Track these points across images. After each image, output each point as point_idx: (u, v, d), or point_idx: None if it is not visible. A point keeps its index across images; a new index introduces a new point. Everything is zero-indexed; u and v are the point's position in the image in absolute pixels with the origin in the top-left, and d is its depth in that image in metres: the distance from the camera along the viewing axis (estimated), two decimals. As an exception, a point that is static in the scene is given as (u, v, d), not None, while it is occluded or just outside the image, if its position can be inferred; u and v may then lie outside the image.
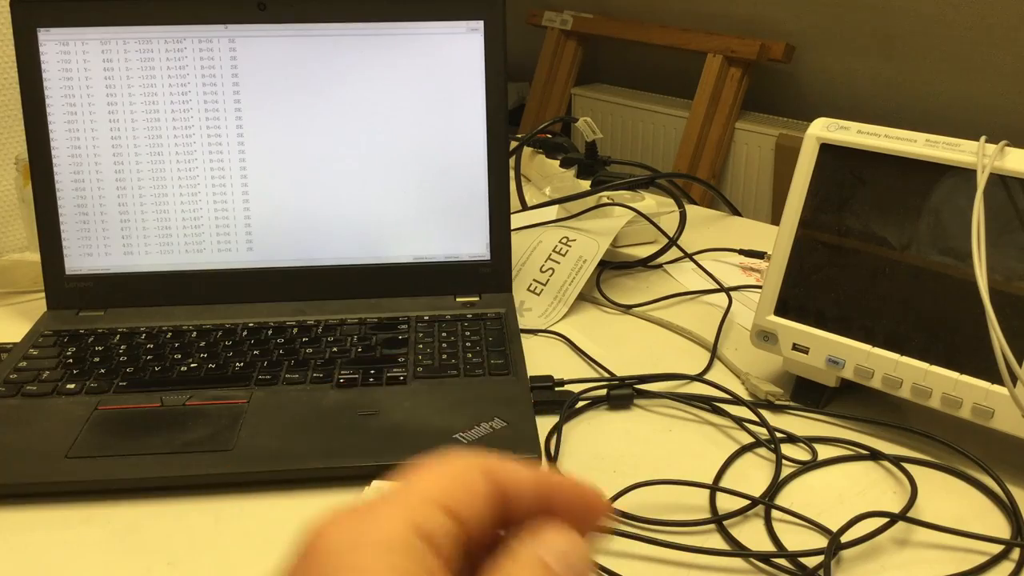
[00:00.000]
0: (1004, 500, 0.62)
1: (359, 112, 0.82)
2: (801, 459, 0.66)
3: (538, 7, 2.77)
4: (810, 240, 0.72)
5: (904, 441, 0.69)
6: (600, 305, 0.91)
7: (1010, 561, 0.57)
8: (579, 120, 1.13)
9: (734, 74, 2.33)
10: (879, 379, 0.68)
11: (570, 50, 2.72)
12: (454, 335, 0.78)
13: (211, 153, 0.82)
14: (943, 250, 0.66)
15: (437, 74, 0.82)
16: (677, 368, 0.78)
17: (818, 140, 0.72)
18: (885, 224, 0.69)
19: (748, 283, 0.96)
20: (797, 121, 2.30)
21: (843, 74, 2.24)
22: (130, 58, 0.80)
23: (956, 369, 0.64)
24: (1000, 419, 0.62)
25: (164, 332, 0.79)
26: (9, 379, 0.72)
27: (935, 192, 0.66)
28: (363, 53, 0.82)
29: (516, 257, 0.92)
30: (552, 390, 0.73)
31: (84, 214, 0.82)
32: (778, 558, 0.56)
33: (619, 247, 1.02)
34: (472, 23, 0.82)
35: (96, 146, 0.81)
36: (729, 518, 0.60)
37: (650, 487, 0.63)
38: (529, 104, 2.79)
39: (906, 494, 0.63)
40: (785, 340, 0.73)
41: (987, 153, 0.64)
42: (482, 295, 0.84)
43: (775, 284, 0.73)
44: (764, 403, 0.73)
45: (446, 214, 0.84)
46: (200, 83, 0.81)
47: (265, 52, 0.81)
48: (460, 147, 0.83)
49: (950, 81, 2.06)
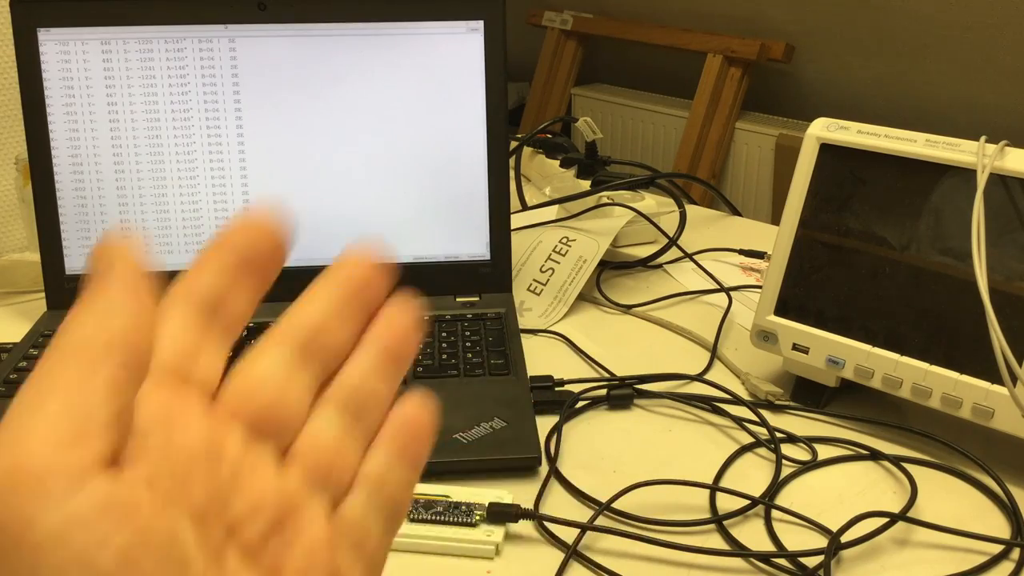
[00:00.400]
0: (1004, 500, 0.62)
1: (359, 112, 0.82)
2: (801, 459, 0.66)
3: (538, 7, 2.77)
4: (810, 240, 0.72)
5: (904, 441, 0.69)
6: (600, 305, 0.91)
7: (1010, 561, 0.57)
8: (579, 120, 1.13)
9: (734, 74, 2.33)
10: (879, 379, 0.68)
11: (570, 50, 2.72)
12: (454, 335, 0.78)
13: (211, 153, 0.82)
14: (943, 250, 0.66)
15: (437, 74, 0.82)
16: (677, 368, 0.78)
17: (818, 140, 0.72)
18: (885, 224, 0.69)
19: (748, 283, 0.96)
20: (797, 121, 2.29)
21: (843, 74, 2.24)
22: (130, 58, 0.80)
23: (956, 369, 0.64)
24: (1000, 419, 0.62)
25: (164, 332, 0.79)
26: (9, 379, 0.72)
27: (935, 192, 0.66)
28: (363, 53, 0.82)
29: (516, 257, 0.92)
30: (552, 390, 0.73)
31: (84, 214, 0.82)
32: (778, 558, 0.56)
33: (619, 247, 1.02)
34: (472, 23, 0.82)
35: (96, 146, 0.81)
36: (729, 518, 0.60)
37: (650, 487, 0.62)
38: (529, 104, 2.79)
39: (906, 494, 0.63)
40: (785, 340, 0.73)
41: (987, 153, 0.64)
42: (482, 295, 0.84)
43: (775, 284, 0.73)
44: (764, 403, 0.73)
45: (446, 214, 0.84)
46: (200, 83, 0.81)
47: (265, 52, 0.81)
48: (460, 147, 0.83)
49: (950, 81, 2.06)
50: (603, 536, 0.58)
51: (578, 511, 0.61)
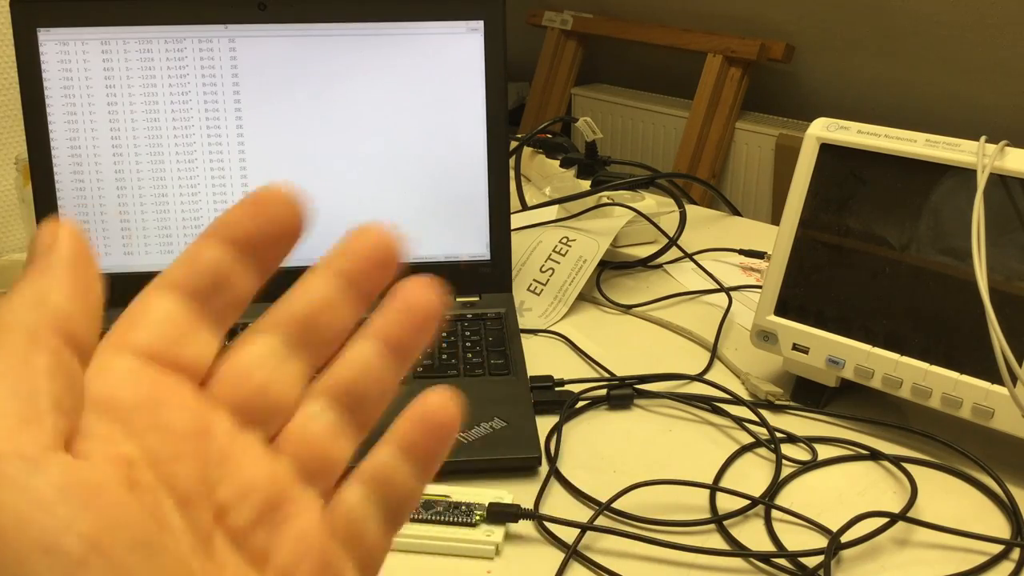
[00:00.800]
0: (1004, 500, 0.62)
1: (359, 112, 0.82)
2: (801, 459, 0.66)
3: (538, 7, 2.77)
4: (810, 240, 0.72)
5: (904, 441, 0.69)
6: (600, 305, 0.91)
7: (1010, 561, 0.57)
8: (579, 120, 1.13)
9: (734, 74, 2.33)
10: (879, 379, 0.68)
11: (570, 50, 2.72)
12: (454, 335, 0.78)
13: (211, 153, 0.82)
14: (943, 250, 0.66)
15: (437, 74, 0.82)
16: (677, 368, 0.78)
17: (818, 140, 0.72)
18: (885, 224, 0.69)
19: (748, 283, 0.96)
20: (797, 121, 2.29)
21: (843, 74, 2.24)
22: (130, 58, 0.80)
23: (956, 369, 0.64)
24: (1000, 419, 0.62)
25: (164, 332, 0.79)
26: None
27: (935, 192, 0.66)
28: (363, 53, 0.82)
29: (516, 257, 0.92)
30: (552, 390, 0.73)
31: (84, 214, 0.82)
32: (778, 558, 0.56)
33: (619, 247, 1.02)
34: (472, 23, 0.82)
35: (96, 146, 0.81)
36: (729, 518, 0.60)
37: (650, 487, 0.62)
38: (529, 104, 2.79)
39: (906, 494, 0.63)
40: (785, 340, 0.73)
41: (987, 153, 0.64)
42: (482, 295, 0.84)
43: (775, 284, 0.73)
44: (764, 403, 0.73)
45: (446, 214, 0.84)
46: (200, 83, 0.81)
47: (265, 52, 0.81)
48: (460, 147, 0.83)
49: (950, 81, 2.06)
50: (603, 536, 0.58)
51: (578, 511, 0.61)
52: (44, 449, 0.18)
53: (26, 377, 0.19)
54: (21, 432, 0.18)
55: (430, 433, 0.25)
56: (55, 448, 0.18)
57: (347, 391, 0.24)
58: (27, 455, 0.18)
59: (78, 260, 0.21)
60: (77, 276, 0.21)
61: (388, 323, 0.24)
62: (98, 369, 0.21)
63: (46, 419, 0.19)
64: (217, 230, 0.23)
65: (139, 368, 0.21)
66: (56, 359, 0.19)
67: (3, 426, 0.18)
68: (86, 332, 0.21)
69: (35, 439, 0.18)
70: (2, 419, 0.18)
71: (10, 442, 0.18)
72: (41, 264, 0.21)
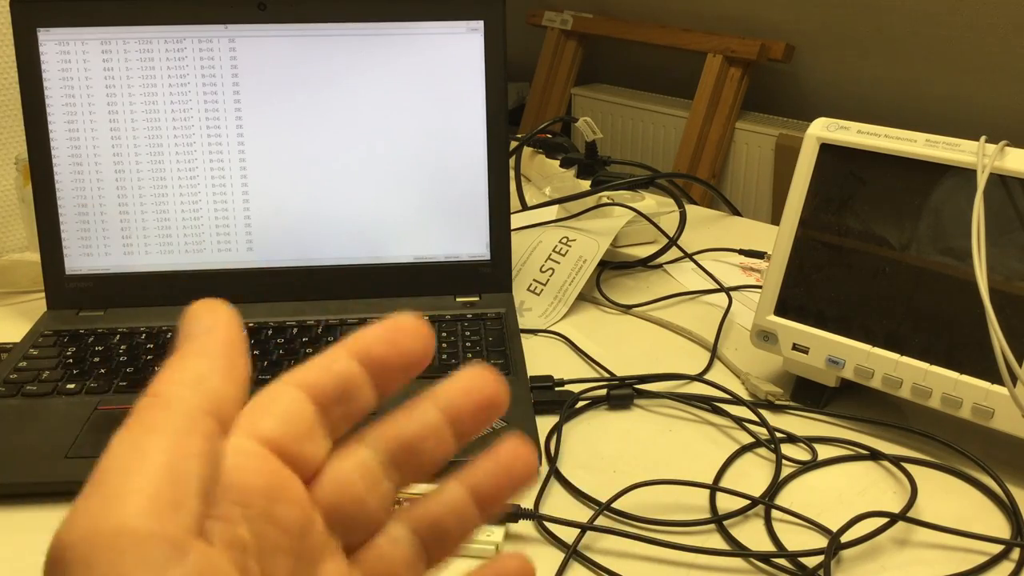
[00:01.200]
0: (1004, 500, 0.62)
1: (359, 112, 0.82)
2: (801, 459, 0.66)
3: (538, 7, 2.77)
4: (810, 240, 0.72)
5: (904, 441, 0.69)
6: (600, 305, 0.91)
7: (1010, 561, 0.57)
8: (579, 120, 1.13)
9: (734, 74, 2.33)
10: (879, 379, 0.68)
11: (570, 50, 2.72)
12: (454, 335, 0.78)
13: (211, 153, 0.82)
14: (943, 250, 0.66)
15: (437, 74, 0.82)
16: (677, 368, 0.78)
17: (818, 140, 0.72)
18: (885, 224, 0.69)
19: (748, 283, 0.96)
20: (797, 121, 2.30)
21: (843, 74, 2.24)
22: (130, 58, 0.80)
23: (956, 369, 0.64)
24: (1000, 419, 0.62)
25: (164, 332, 0.79)
26: (9, 379, 0.72)
27: (935, 192, 0.66)
28: (363, 53, 0.82)
29: (516, 257, 0.92)
30: (552, 390, 0.73)
31: (84, 214, 0.82)
32: (778, 558, 0.56)
33: (619, 247, 1.02)
34: (472, 23, 0.82)
35: (96, 146, 0.81)
36: (729, 518, 0.60)
37: (650, 487, 0.63)
38: (529, 104, 2.79)
39: (906, 494, 0.63)
40: (785, 340, 0.73)
41: (987, 153, 0.64)
42: (482, 295, 0.84)
43: (775, 284, 0.73)
44: (764, 403, 0.73)
45: (446, 214, 0.84)
46: (200, 83, 0.81)
47: (265, 52, 0.81)
48: (460, 147, 0.83)
49: (950, 81, 2.06)
50: (603, 536, 0.58)
51: (578, 511, 0.61)
52: (186, 535, 0.19)
53: (182, 458, 0.20)
54: (170, 516, 0.19)
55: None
56: (195, 533, 0.19)
57: (431, 525, 0.26)
58: (173, 541, 0.19)
59: (234, 345, 0.22)
60: (232, 361, 0.22)
61: (486, 475, 0.26)
62: (229, 449, 0.22)
63: (192, 503, 0.20)
64: (353, 346, 0.24)
65: (264, 455, 0.22)
66: (209, 444, 0.21)
67: (155, 507, 0.19)
68: (233, 415, 0.22)
69: (180, 523, 0.19)
70: (155, 499, 0.19)
71: (159, 523, 0.19)
72: (200, 344, 0.22)
